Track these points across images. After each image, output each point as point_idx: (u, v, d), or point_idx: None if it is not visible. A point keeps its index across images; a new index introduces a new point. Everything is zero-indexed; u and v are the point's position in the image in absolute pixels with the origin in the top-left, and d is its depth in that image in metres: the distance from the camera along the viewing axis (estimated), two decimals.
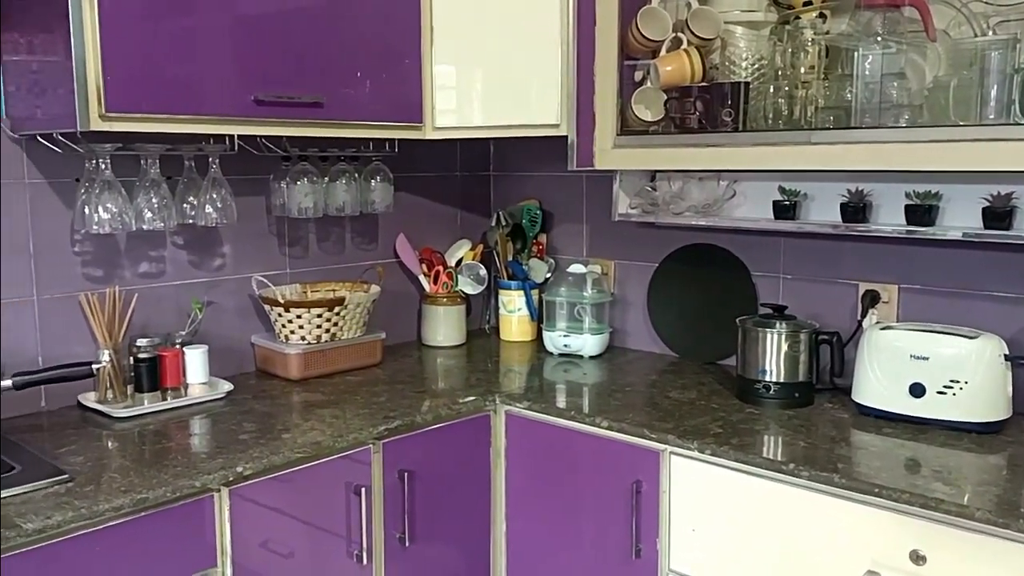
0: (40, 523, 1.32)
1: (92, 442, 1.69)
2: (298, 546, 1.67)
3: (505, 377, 2.21)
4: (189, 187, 2.01)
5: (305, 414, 1.87)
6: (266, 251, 2.27)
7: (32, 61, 1.70)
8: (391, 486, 1.81)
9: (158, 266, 2.06)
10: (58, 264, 1.90)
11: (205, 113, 1.73)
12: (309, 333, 2.16)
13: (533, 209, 2.60)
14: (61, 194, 1.88)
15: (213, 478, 1.52)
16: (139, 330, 1.98)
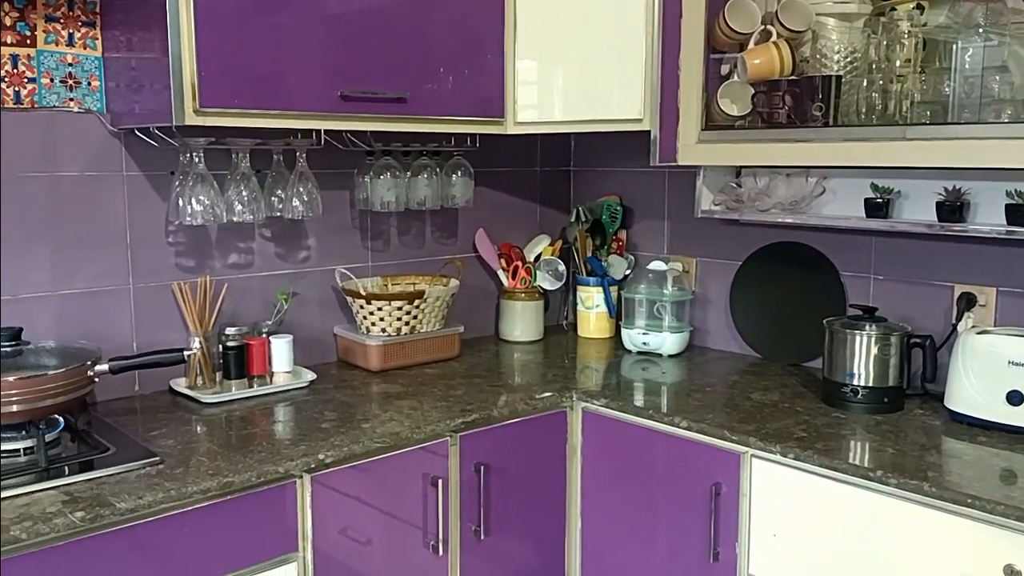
0: (132, 503, 1.38)
1: (182, 426, 1.75)
2: (375, 534, 1.70)
3: (582, 374, 2.19)
4: (277, 181, 2.06)
5: (384, 405, 1.90)
6: (349, 244, 2.31)
7: (131, 58, 1.77)
8: (467, 479, 1.82)
9: (246, 257, 2.12)
10: (153, 254, 1.97)
11: (293, 108, 1.77)
12: (389, 325, 2.19)
13: (613, 205, 2.58)
14: (157, 187, 1.95)
15: (296, 464, 1.56)
16: (228, 319, 2.05)
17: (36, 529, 1.28)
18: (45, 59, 1.79)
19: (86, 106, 1.85)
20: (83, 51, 1.83)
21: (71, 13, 1.81)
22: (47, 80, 1.79)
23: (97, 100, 1.86)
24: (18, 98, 1.76)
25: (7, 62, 1.74)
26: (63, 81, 1.81)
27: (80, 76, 1.83)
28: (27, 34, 1.76)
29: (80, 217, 1.86)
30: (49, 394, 1.54)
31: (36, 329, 1.76)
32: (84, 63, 1.84)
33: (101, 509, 1.34)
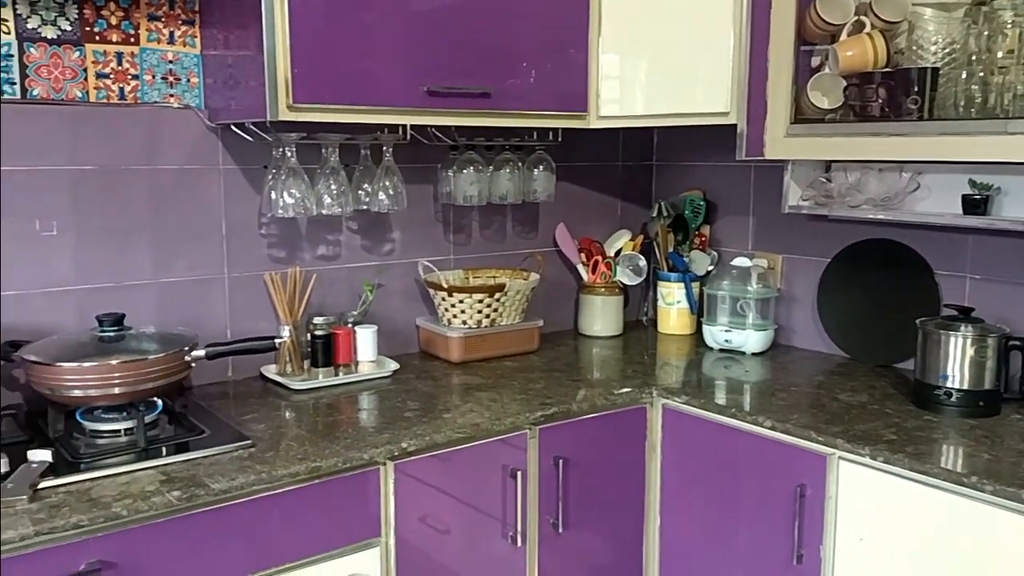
0: (225, 484, 1.43)
1: (272, 411, 1.81)
2: (454, 523, 1.73)
3: (662, 370, 2.18)
4: (364, 175, 2.11)
5: (464, 396, 1.92)
6: (432, 237, 2.35)
7: (228, 56, 1.84)
8: (546, 472, 1.83)
9: (334, 249, 2.18)
10: (246, 245, 2.04)
11: (381, 104, 1.81)
12: (470, 318, 2.21)
13: (696, 200, 2.55)
14: (251, 180, 2.02)
15: (380, 452, 1.60)
16: (316, 309, 2.10)
17: (136, 507, 1.34)
18: (147, 56, 1.87)
19: (185, 102, 1.92)
20: (183, 49, 1.91)
21: (172, 12, 1.89)
22: (149, 77, 1.88)
23: (196, 96, 1.93)
24: (122, 94, 1.85)
25: (112, 59, 1.83)
26: (164, 78, 1.89)
27: (180, 73, 1.91)
28: (131, 32, 1.85)
29: (179, 209, 1.94)
30: (149, 377, 1.61)
31: (138, 315, 1.84)
32: (184, 60, 1.91)
33: (196, 489, 1.40)
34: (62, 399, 1.59)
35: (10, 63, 1.71)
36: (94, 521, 1.30)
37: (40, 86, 1.75)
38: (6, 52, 1.71)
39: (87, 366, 1.57)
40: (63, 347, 1.63)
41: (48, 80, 1.76)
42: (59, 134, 1.78)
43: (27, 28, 1.72)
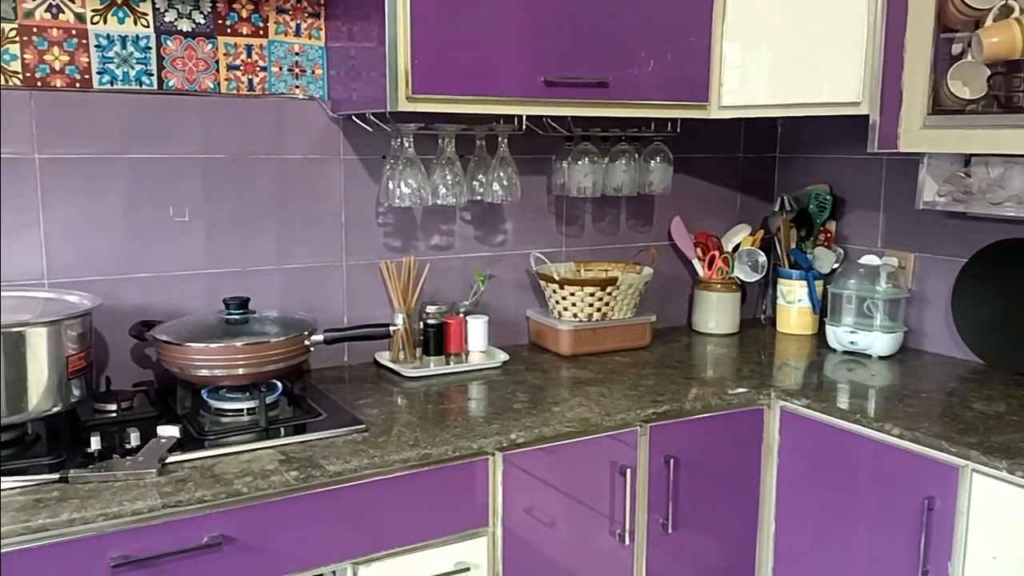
0: (340, 466, 1.46)
1: (384, 397, 1.84)
2: (561, 517, 1.71)
3: (780, 371, 2.10)
4: (479, 165, 2.11)
5: (574, 390, 1.91)
6: (544, 229, 2.33)
7: (350, 47, 1.87)
8: (656, 470, 1.79)
9: (448, 239, 2.20)
10: (364, 233, 2.08)
11: (498, 94, 1.80)
12: (581, 311, 2.19)
13: (822, 194, 2.44)
14: (369, 170, 2.06)
15: (489, 442, 1.60)
16: (428, 297, 2.13)
17: (256, 484, 1.39)
18: (275, 49, 1.93)
19: (310, 93, 1.97)
20: (308, 41, 1.96)
21: (299, 5, 1.94)
22: (276, 68, 1.94)
23: (320, 88, 1.98)
24: (251, 85, 1.91)
25: (242, 52, 1.90)
26: (290, 70, 1.95)
27: (305, 65, 1.96)
28: (260, 25, 1.91)
29: (302, 197, 1.99)
30: (271, 360, 1.67)
31: (261, 299, 1.91)
32: (309, 52, 1.96)
33: (312, 470, 1.44)
34: (190, 378, 1.66)
35: (148, 55, 1.80)
36: (216, 497, 1.36)
37: (175, 77, 1.83)
38: (145, 44, 1.79)
39: (214, 347, 1.64)
40: (192, 328, 1.71)
41: (183, 72, 1.84)
42: (192, 124, 1.86)
43: (164, 21, 1.81)
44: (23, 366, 1.42)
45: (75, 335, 1.50)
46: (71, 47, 1.72)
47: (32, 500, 1.29)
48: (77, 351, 1.51)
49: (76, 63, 1.73)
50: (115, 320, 1.79)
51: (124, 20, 1.77)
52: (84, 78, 1.74)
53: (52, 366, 1.46)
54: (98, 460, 1.42)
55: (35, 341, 1.44)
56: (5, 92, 1.67)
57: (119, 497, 1.31)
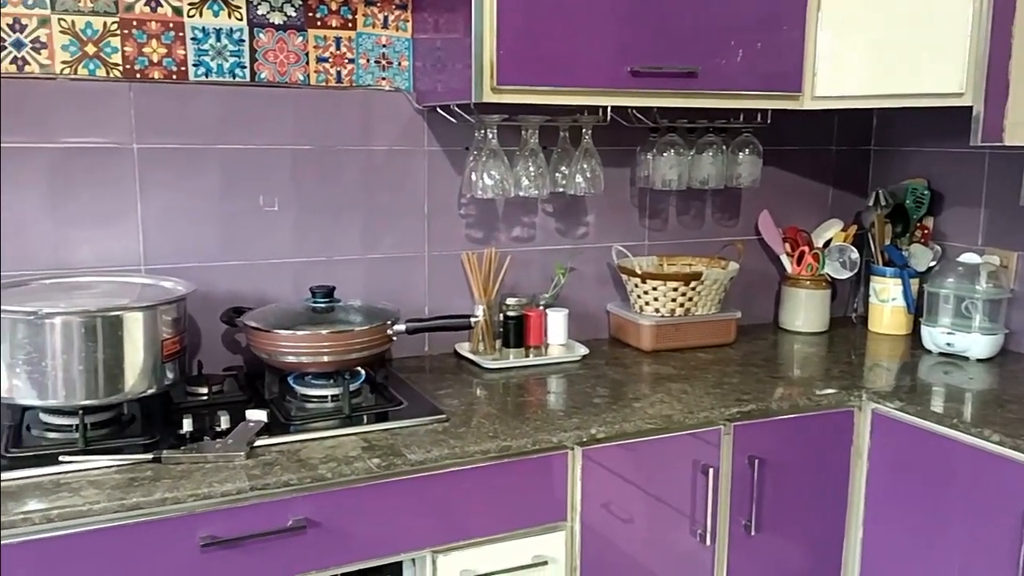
0: (421, 455, 1.47)
1: (465, 388, 1.85)
2: (640, 515, 1.69)
3: (872, 372, 2.02)
4: (562, 157, 2.10)
5: (655, 386, 1.88)
6: (627, 222, 2.30)
7: (436, 39, 1.88)
8: (739, 471, 1.75)
9: (529, 231, 2.19)
10: (446, 225, 2.09)
11: (584, 85, 1.78)
12: (663, 306, 2.15)
13: (919, 189, 2.34)
14: (453, 161, 2.07)
15: (568, 436, 1.59)
16: (509, 289, 2.13)
17: (339, 470, 1.41)
18: (363, 41, 1.95)
19: (396, 85, 1.99)
20: (395, 33, 1.98)
21: None
22: (364, 61, 1.96)
23: (405, 79, 2.00)
24: (339, 77, 1.94)
25: (331, 44, 1.92)
26: (377, 62, 1.97)
27: (392, 57, 1.98)
28: (349, 18, 1.93)
29: (387, 188, 2.01)
30: (355, 348, 1.69)
31: (346, 289, 1.94)
32: (396, 44, 1.98)
33: (394, 458, 1.45)
34: (277, 364, 1.70)
35: (241, 48, 1.84)
36: (302, 481, 1.38)
37: (267, 69, 1.87)
38: (238, 37, 1.84)
39: (300, 334, 1.67)
40: (280, 315, 1.74)
41: (274, 64, 1.88)
42: (282, 116, 1.89)
43: (257, 14, 1.85)
44: (120, 349, 1.48)
45: (170, 320, 1.55)
46: (168, 40, 1.78)
47: (127, 479, 1.34)
48: (172, 335, 1.56)
49: (173, 55, 1.79)
50: (207, 306, 1.85)
51: (219, 13, 1.81)
52: (180, 70, 1.80)
53: (148, 349, 1.51)
54: (189, 442, 1.46)
55: (132, 325, 1.49)
56: (107, 84, 1.74)
57: (209, 478, 1.35)
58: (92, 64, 1.73)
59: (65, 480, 1.33)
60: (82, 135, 1.73)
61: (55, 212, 1.73)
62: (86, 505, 1.26)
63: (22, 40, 1.67)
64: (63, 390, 1.44)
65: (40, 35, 1.68)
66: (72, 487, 1.31)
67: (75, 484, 1.32)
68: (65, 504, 1.25)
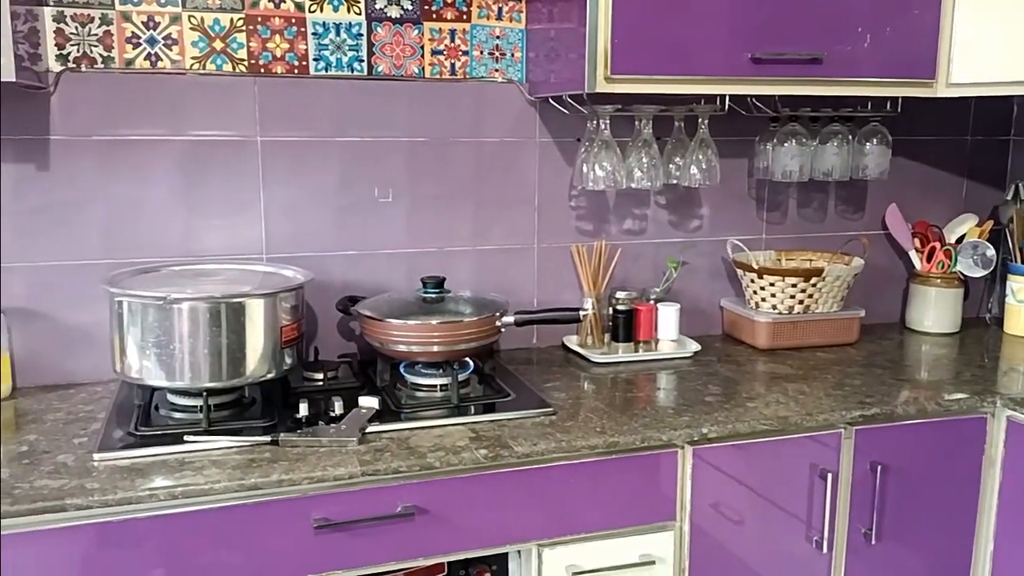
0: (528, 448, 1.47)
1: (572, 381, 1.83)
2: (751, 517, 1.63)
3: (1007, 377, 1.89)
4: (677, 148, 2.05)
5: (770, 385, 1.81)
6: (743, 215, 2.23)
7: (550, 29, 1.86)
8: (860, 477, 1.67)
9: (640, 224, 2.15)
10: (556, 217, 2.08)
11: (700, 73, 1.73)
12: (781, 303, 2.08)
13: None
14: (564, 152, 2.05)
15: (679, 435, 1.55)
16: (618, 283, 2.10)
17: (447, 459, 1.42)
18: (477, 33, 1.96)
19: (508, 76, 1.99)
20: (509, 24, 1.97)
21: None
22: (478, 52, 1.96)
23: (518, 71, 1.99)
24: (453, 70, 1.95)
25: (446, 36, 1.94)
26: (491, 53, 1.97)
27: (505, 48, 1.98)
28: (463, 10, 1.94)
29: (497, 180, 2.02)
30: (464, 339, 1.70)
31: (456, 279, 1.95)
32: (509, 36, 1.98)
33: (501, 450, 1.45)
34: (389, 352, 1.72)
35: (359, 42, 1.88)
36: (411, 468, 1.40)
37: (383, 63, 1.90)
38: (356, 31, 1.87)
39: (411, 324, 1.69)
40: (392, 305, 1.77)
41: (390, 57, 1.91)
42: (398, 108, 1.92)
43: (375, 8, 1.88)
44: (243, 334, 1.53)
45: (289, 307, 1.60)
46: (291, 35, 1.83)
47: (247, 460, 1.39)
48: (290, 322, 1.60)
49: (295, 50, 1.84)
50: (324, 294, 1.90)
51: (339, 8, 1.85)
52: (302, 64, 1.85)
53: (268, 335, 1.56)
54: (305, 426, 1.51)
55: (254, 311, 1.54)
56: (233, 78, 1.80)
57: (323, 462, 1.38)
58: (219, 59, 1.80)
59: (189, 459, 1.39)
60: (210, 128, 1.80)
61: (185, 202, 1.81)
62: (208, 484, 1.31)
63: (155, 37, 1.75)
64: (189, 372, 1.51)
65: (172, 32, 1.76)
66: (195, 466, 1.37)
67: (198, 463, 1.38)
68: (189, 482, 1.31)
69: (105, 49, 1.73)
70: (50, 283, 1.75)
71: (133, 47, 1.74)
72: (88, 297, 1.74)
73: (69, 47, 1.71)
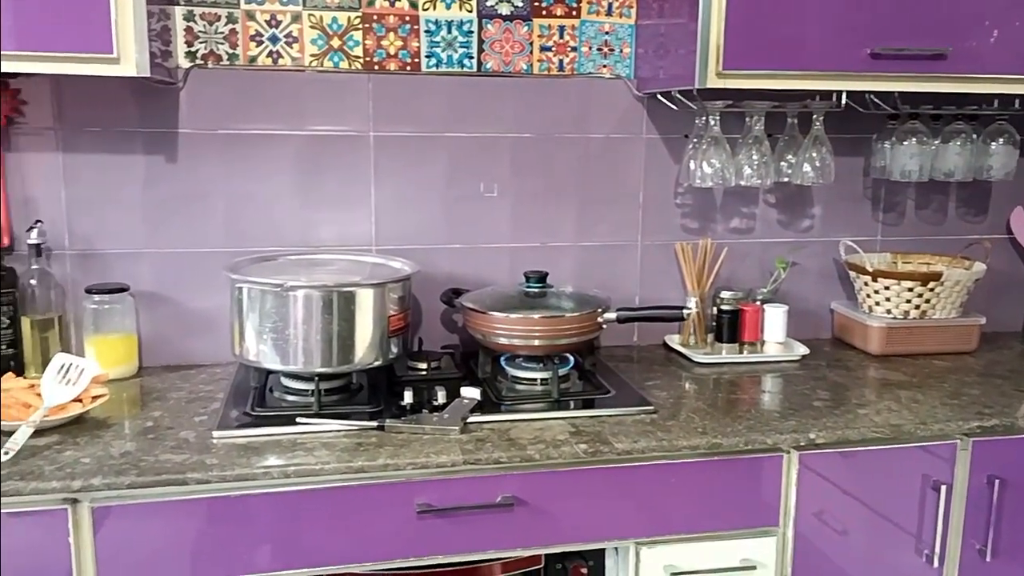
0: (628, 445, 1.46)
1: (673, 381, 1.82)
2: (858, 527, 1.58)
3: None
4: (789, 145, 2.00)
5: (882, 392, 1.75)
6: (858, 215, 2.16)
7: (660, 24, 1.85)
8: (976, 490, 1.59)
9: (748, 222, 2.11)
10: (660, 214, 2.06)
11: (816, 69, 1.69)
12: (896, 307, 2.00)
13: None
14: (671, 149, 2.03)
15: (785, 439, 1.51)
16: (723, 282, 2.06)
17: (547, 452, 1.43)
18: (586, 29, 1.96)
19: (616, 72, 1.98)
20: (619, 20, 1.97)
21: None
22: (586, 48, 1.96)
23: (626, 66, 1.98)
24: (561, 66, 1.96)
25: (555, 33, 1.95)
26: (599, 49, 1.97)
27: (614, 44, 1.97)
28: (573, 6, 1.95)
29: (602, 176, 2.01)
30: (565, 334, 1.71)
31: (558, 275, 1.96)
32: (618, 31, 1.97)
33: (601, 445, 1.46)
34: (491, 345, 1.75)
35: (470, 39, 1.91)
36: (511, 460, 1.42)
37: (492, 60, 1.93)
38: (467, 29, 1.90)
39: (513, 317, 1.71)
40: (495, 298, 1.79)
41: (499, 54, 1.93)
42: (505, 104, 1.94)
43: (486, 6, 1.90)
44: (353, 322, 1.58)
45: (396, 297, 1.65)
46: (404, 32, 1.88)
47: (354, 443, 1.44)
48: (397, 312, 1.65)
49: (408, 47, 1.88)
50: (429, 286, 1.94)
51: (451, 6, 1.89)
52: (414, 61, 1.89)
53: (376, 324, 1.61)
54: (409, 413, 1.54)
55: (364, 301, 1.59)
56: (349, 75, 1.86)
57: (426, 449, 1.41)
58: (336, 57, 1.86)
59: (301, 440, 1.45)
60: (326, 123, 1.87)
61: (301, 194, 1.88)
62: (319, 464, 1.36)
63: (277, 35, 1.83)
64: (302, 357, 1.57)
65: (292, 30, 1.83)
66: (307, 447, 1.42)
67: (309, 444, 1.43)
68: (300, 462, 1.37)
69: (230, 46, 1.81)
70: (175, 269, 1.85)
71: (256, 44, 1.82)
72: (210, 283, 1.84)
73: (197, 44, 1.80)
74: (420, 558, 1.43)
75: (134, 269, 1.83)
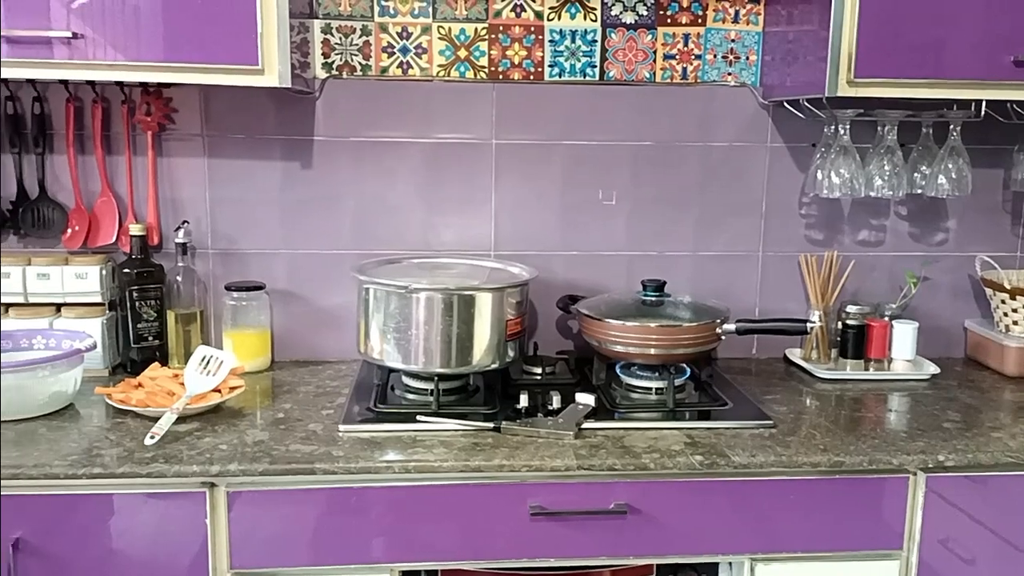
0: (745, 459, 1.44)
1: (793, 395, 1.77)
2: (987, 557, 1.51)
3: None
4: (923, 155, 1.92)
5: (1018, 416, 1.66)
6: (996, 229, 2.05)
7: (788, 32, 1.81)
8: None
9: (877, 235, 2.04)
10: (784, 224, 2.02)
11: (955, 77, 1.62)
12: None
13: None
14: (796, 158, 1.99)
15: (911, 460, 1.46)
16: (849, 296, 2.00)
17: (661, 462, 1.43)
18: (711, 36, 1.94)
19: (741, 80, 1.96)
20: (746, 27, 1.94)
21: None
22: (711, 56, 1.95)
23: (752, 74, 1.96)
24: (684, 74, 1.95)
25: (679, 41, 1.94)
26: (724, 57, 1.95)
27: (740, 51, 1.95)
28: (699, 14, 1.93)
29: (723, 185, 1.99)
30: (682, 344, 1.70)
31: (676, 284, 1.95)
32: (745, 39, 1.94)
33: (717, 458, 1.44)
34: (606, 352, 1.76)
35: (593, 48, 1.92)
36: (625, 467, 1.42)
37: (615, 68, 1.94)
38: (591, 38, 1.92)
39: (629, 325, 1.71)
40: (611, 305, 1.80)
41: (622, 62, 1.94)
42: (625, 112, 1.95)
43: (611, 15, 1.92)
44: (472, 325, 1.62)
45: (514, 302, 1.68)
46: (529, 43, 1.91)
47: (471, 443, 1.48)
48: (514, 316, 1.68)
49: (532, 57, 1.92)
50: (545, 291, 1.96)
51: (575, 16, 1.91)
52: (537, 71, 1.92)
53: (494, 327, 1.65)
54: (524, 416, 1.57)
55: (482, 304, 1.63)
56: (474, 84, 1.91)
57: (541, 452, 1.44)
58: (463, 67, 1.91)
59: (420, 437, 1.50)
60: (451, 131, 1.92)
61: (425, 200, 1.94)
62: (437, 462, 1.41)
63: (408, 46, 1.90)
64: (423, 357, 1.62)
65: (422, 41, 1.89)
66: (426, 444, 1.47)
67: (428, 442, 1.48)
68: (420, 459, 1.41)
69: (364, 58, 1.89)
70: (307, 269, 1.94)
71: (388, 56, 1.89)
72: (338, 283, 1.92)
73: (333, 56, 1.89)
74: (532, 559, 1.46)
75: (270, 268, 1.93)
